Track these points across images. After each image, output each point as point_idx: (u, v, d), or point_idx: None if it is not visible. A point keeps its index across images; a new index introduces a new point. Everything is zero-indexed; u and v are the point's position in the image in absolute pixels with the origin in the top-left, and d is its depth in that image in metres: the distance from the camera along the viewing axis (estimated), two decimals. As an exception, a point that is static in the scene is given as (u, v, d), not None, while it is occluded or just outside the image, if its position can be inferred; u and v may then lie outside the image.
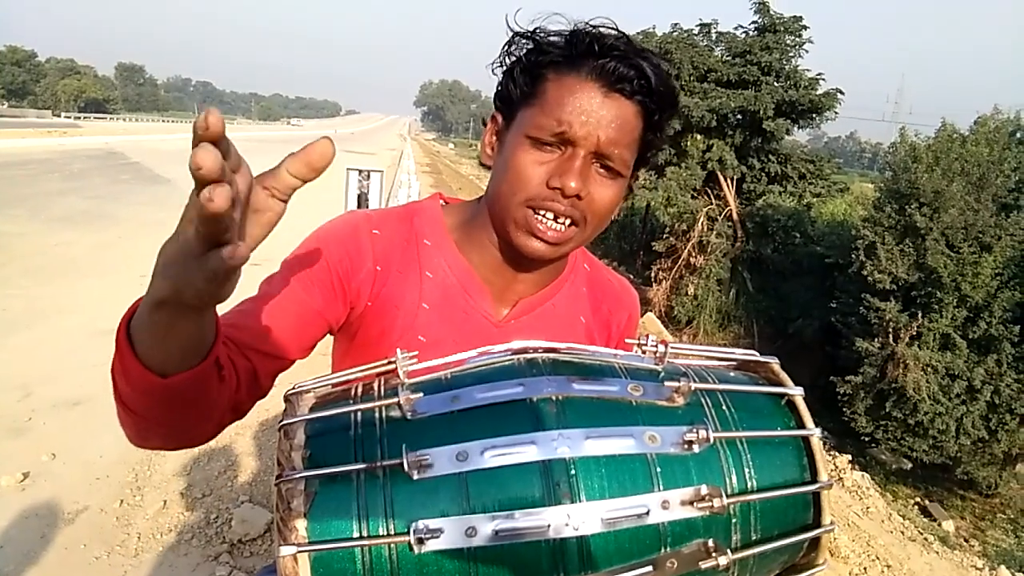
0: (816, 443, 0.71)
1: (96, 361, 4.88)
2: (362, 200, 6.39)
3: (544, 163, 0.85)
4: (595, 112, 0.83)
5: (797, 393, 0.74)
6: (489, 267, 0.96)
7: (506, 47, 0.91)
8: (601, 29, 0.86)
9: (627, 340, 0.79)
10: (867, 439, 10.33)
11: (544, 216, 0.86)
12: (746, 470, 0.67)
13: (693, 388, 0.70)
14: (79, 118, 55.29)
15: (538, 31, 0.88)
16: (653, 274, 16.12)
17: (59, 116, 55.03)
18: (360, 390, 0.72)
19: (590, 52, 0.84)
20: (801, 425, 0.72)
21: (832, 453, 8.61)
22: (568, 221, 0.86)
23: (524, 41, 0.89)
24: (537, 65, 0.87)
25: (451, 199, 1.05)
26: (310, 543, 0.59)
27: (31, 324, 5.56)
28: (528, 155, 0.86)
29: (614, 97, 0.84)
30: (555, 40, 0.87)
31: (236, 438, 3.86)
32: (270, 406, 1.09)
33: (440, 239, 0.97)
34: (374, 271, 0.92)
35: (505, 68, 0.92)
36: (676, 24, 16.72)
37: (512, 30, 0.90)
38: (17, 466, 3.41)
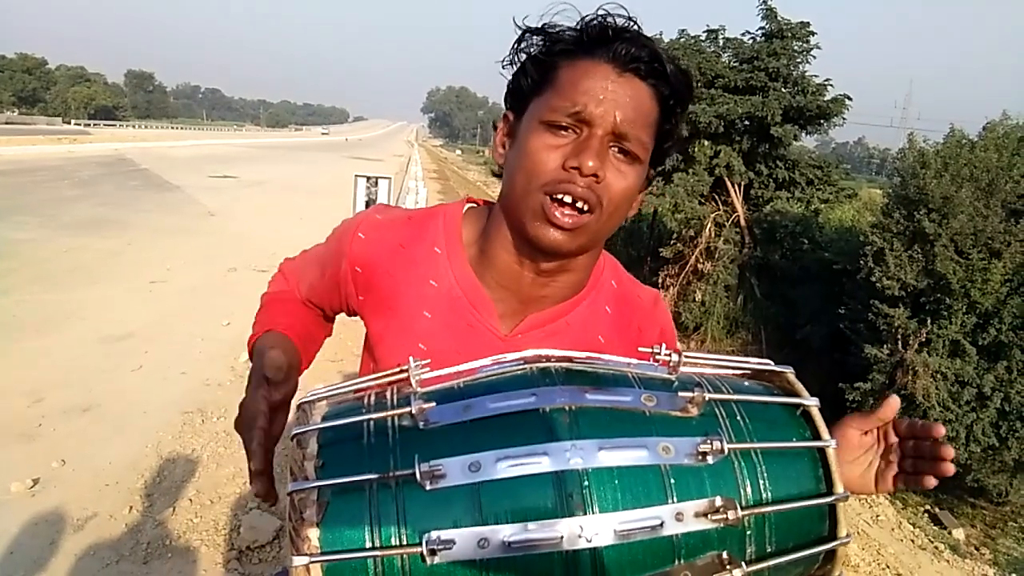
0: (832, 454, 0.70)
1: (105, 367, 4.90)
2: (369, 206, 6.42)
3: (560, 147, 0.82)
4: (610, 91, 0.81)
5: (813, 404, 0.73)
6: (500, 281, 0.93)
7: (515, 44, 0.89)
8: (612, 15, 0.84)
9: (640, 348, 0.77)
10: (876, 446, 10.24)
11: (562, 200, 0.82)
12: (761, 482, 0.67)
13: (707, 398, 0.69)
14: (89, 125, 55.71)
15: (547, 25, 0.87)
16: (660, 280, 16.03)
17: (69, 123, 55.44)
18: (373, 399, 0.72)
19: (602, 37, 0.83)
20: (817, 436, 0.71)
21: (841, 460, 8.54)
22: (584, 206, 0.82)
23: (534, 37, 0.88)
24: (548, 55, 0.86)
25: (482, 201, 1.03)
26: (323, 553, 0.59)
27: (41, 330, 5.59)
28: (543, 140, 0.83)
29: (628, 77, 0.83)
30: (566, 30, 0.86)
31: (244, 444, 3.87)
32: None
33: (452, 249, 0.95)
34: (352, 271, 0.97)
35: (516, 66, 0.90)
36: (683, 30, 16.66)
37: (521, 28, 0.88)
38: (27, 472, 3.42)
